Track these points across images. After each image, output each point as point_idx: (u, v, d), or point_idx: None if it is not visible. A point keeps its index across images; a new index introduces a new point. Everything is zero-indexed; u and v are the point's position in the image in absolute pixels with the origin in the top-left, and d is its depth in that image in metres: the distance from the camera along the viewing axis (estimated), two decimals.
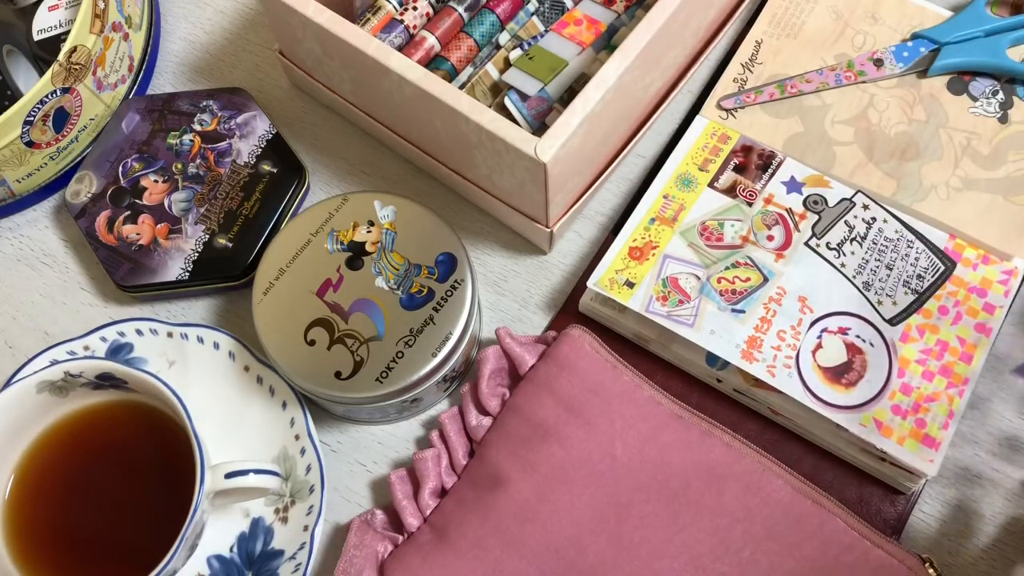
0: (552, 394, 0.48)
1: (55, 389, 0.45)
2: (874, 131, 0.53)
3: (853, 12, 0.57)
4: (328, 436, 0.51)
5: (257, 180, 0.54)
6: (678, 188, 0.52)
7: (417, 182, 0.57)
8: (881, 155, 0.53)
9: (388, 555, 0.46)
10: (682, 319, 0.48)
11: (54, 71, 0.51)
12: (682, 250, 0.50)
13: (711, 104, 0.55)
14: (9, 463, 0.45)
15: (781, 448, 0.48)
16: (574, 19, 0.54)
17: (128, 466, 0.46)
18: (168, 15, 0.63)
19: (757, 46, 0.56)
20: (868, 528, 0.45)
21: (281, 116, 0.59)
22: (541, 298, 0.54)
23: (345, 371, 0.45)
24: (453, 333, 0.46)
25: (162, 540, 0.41)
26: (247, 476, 0.44)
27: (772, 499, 0.46)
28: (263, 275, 0.48)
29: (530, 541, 0.45)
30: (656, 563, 0.45)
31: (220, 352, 0.51)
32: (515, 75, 0.52)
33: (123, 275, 0.52)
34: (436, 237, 0.48)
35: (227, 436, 0.49)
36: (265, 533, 0.47)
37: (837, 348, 0.47)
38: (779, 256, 0.50)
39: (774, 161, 0.53)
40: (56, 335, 0.54)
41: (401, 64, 0.46)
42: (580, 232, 0.55)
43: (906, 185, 0.52)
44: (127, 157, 0.55)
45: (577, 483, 0.46)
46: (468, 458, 0.48)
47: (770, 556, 0.45)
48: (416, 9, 0.55)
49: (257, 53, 0.61)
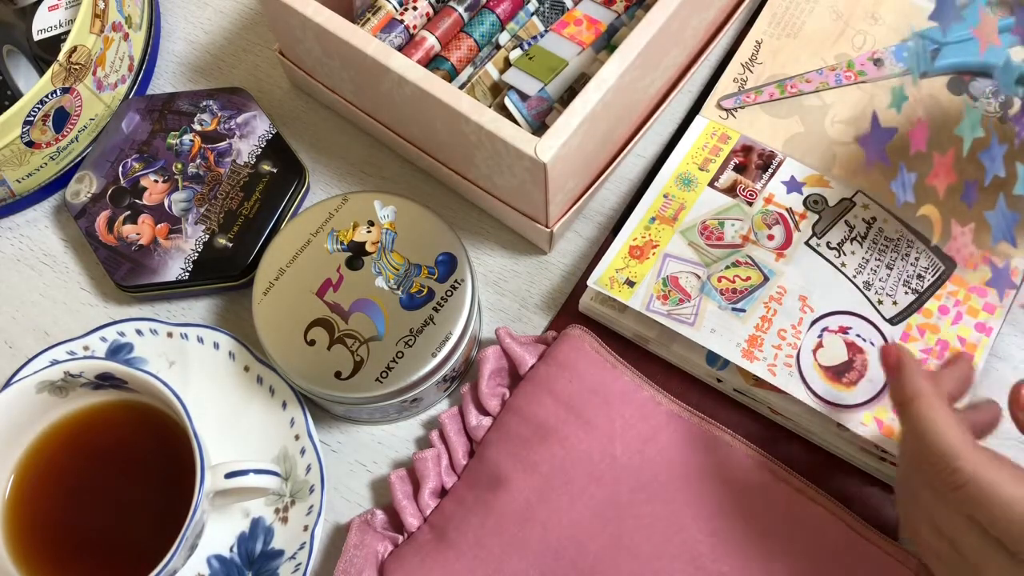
0: (552, 394, 0.48)
1: (55, 389, 0.45)
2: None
3: (853, 12, 0.57)
4: (328, 436, 0.51)
5: (257, 180, 0.54)
6: (678, 187, 0.52)
7: (417, 182, 0.57)
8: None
9: (388, 555, 0.46)
10: (682, 318, 0.48)
11: (54, 71, 0.51)
12: (682, 249, 0.50)
13: (711, 104, 0.55)
14: (9, 463, 0.45)
15: (781, 448, 0.48)
16: (574, 19, 0.54)
17: (128, 466, 0.46)
18: (168, 15, 0.63)
19: (757, 46, 0.56)
20: (868, 528, 0.45)
21: (281, 116, 0.59)
22: (541, 298, 0.54)
23: (345, 371, 0.45)
24: (453, 333, 0.46)
25: (162, 540, 0.41)
26: (247, 476, 0.44)
27: (772, 499, 0.46)
28: (263, 275, 0.48)
29: (530, 541, 0.45)
30: (656, 563, 0.45)
31: (220, 352, 0.50)
32: (515, 75, 0.52)
33: (123, 275, 0.52)
34: (436, 237, 0.48)
35: (227, 436, 0.49)
36: (265, 533, 0.47)
37: (838, 347, 0.47)
38: (779, 255, 0.50)
39: (774, 161, 0.53)
40: (56, 335, 0.54)
41: (401, 64, 0.46)
42: (580, 232, 0.55)
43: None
44: (127, 157, 0.55)
45: (577, 483, 0.46)
46: (468, 458, 0.48)
47: (770, 556, 0.45)
48: (416, 9, 0.55)
49: (257, 53, 0.61)
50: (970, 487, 0.35)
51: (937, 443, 0.36)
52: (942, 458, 0.36)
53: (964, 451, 0.35)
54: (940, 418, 0.37)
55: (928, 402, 0.37)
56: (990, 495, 0.34)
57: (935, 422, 0.36)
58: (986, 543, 0.35)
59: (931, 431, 0.36)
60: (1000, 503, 0.34)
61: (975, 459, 0.35)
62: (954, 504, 0.36)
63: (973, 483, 0.35)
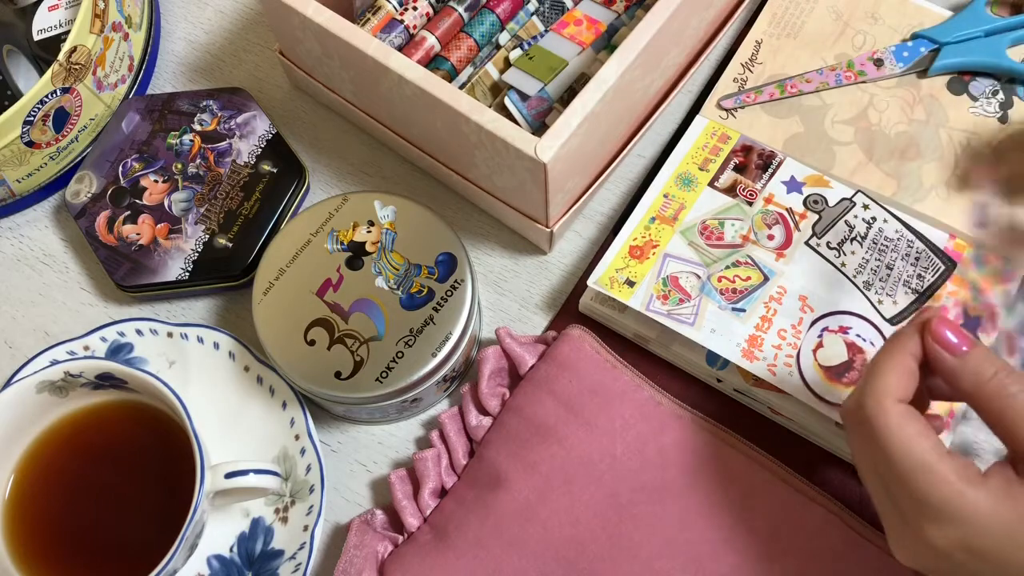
0: (552, 394, 0.48)
1: (55, 389, 0.45)
2: (874, 131, 0.53)
3: (853, 12, 0.57)
4: (328, 436, 0.51)
5: (257, 180, 0.54)
6: (678, 187, 0.52)
7: (417, 182, 0.57)
8: (881, 155, 0.53)
9: (388, 555, 0.46)
10: (682, 318, 0.48)
11: (54, 71, 0.51)
12: (682, 249, 0.50)
13: (711, 104, 0.55)
14: (9, 463, 0.45)
15: (781, 448, 0.48)
16: (574, 19, 0.54)
17: (128, 466, 0.46)
18: (168, 15, 0.63)
19: (757, 46, 0.56)
20: (869, 528, 0.45)
21: (281, 116, 0.59)
22: (541, 298, 0.54)
23: (345, 371, 0.45)
24: (453, 333, 0.46)
25: (162, 540, 0.41)
26: (247, 476, 0.44)
27: (772, 499, 0.46)
28: (263, 275, 0.48)
29: (530, 541, 0.45)
30: (656, 563, 0.45)
31: (220, 352, 0.50)
32: (515, 75, 0.52)
33: (123, 275, 0.52)
34: (436, 237, 0.48)
35: (227, 436, 0.49)
36: (265, 533, 0.47)
37: (838, 347, 0.47)
38: (780, 255, 0.50)
39: (774, 161, 0.53)
40: (56, 335, 0.54)
41: (401, 64, 0.46)
42: (580, 232, 0.55)
43: (906, 185, 0.52)
44: (127, 157, 0.55)
45: (577, 483, 0.46)
46: (468, 458, 0.48)
47: (770, 556, 0.45)
48: (416, 9, 0.55)
49: (257, 53, 0.61)
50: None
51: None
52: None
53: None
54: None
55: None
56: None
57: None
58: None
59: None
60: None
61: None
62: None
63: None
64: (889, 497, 0.36)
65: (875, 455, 0.36)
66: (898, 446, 0.35)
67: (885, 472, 0.36)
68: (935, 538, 0.35)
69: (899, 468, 0.35)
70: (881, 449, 0.36)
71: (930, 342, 0.37)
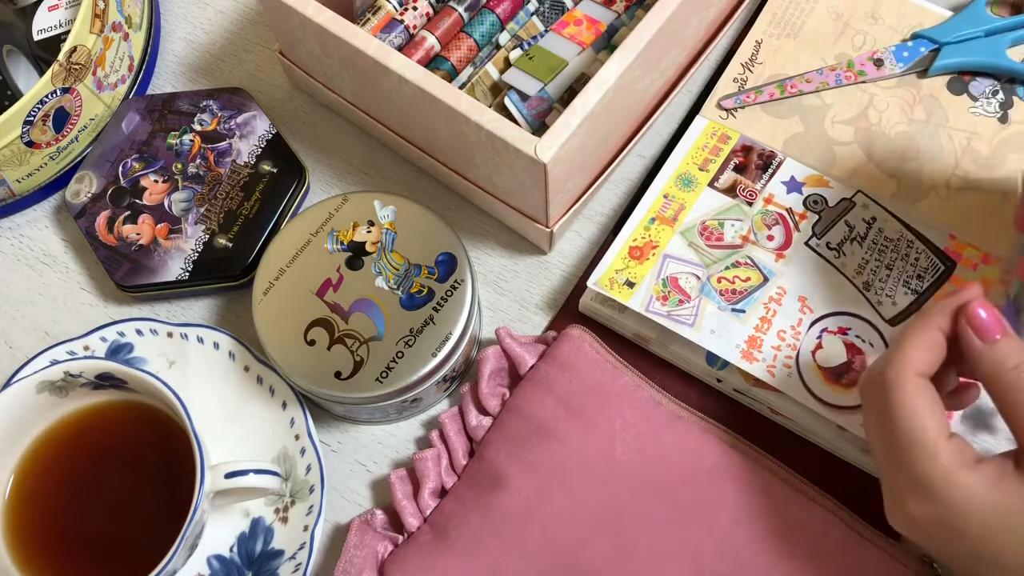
0: (552, 394, 0.48)
1: (55, 389, 0.45)
2: (874, 131, 0.53)
3: (853, 12, 0.57)
4: (328, 436, 0.51)
5: (257, 180, 0.54)
6: (678, 188, 0.52)
7: (417, 182, 0.57)
8: (881, 155, 0.53)
9: (388, 555, 0.46)
10: (682, 319, 0.48)
11: (54, 71, 0.51)
12: (682, 250, 0.50)
13: (711, 104, 0.55)
14: (9, 463, 0.45)
15: (781, 448, 0.48)
16: (574, 19, 0.54)
17: (128, 466, 0.46)
18: (168, 15, 0.63)
19: (757, 46, 0.56)
20: (869, 528, 0.45)
21: (281, 116, 0.59)
22: (541, 298, 0.54)
23: (345, 371, 0.45)
24: (453, 333, 0.46)
25: (162, 540, 0.41)
26: (247, 476, 0.44)
27: (772, 499, 0.46)
28: (263, 275, 0.48)
29: (530, 541, 0.45)
30: (656, 563, 0.45)
31: (220, 352, 0.51)
32: (515, 75, 0.52)
33: (123, 275, 0.52)
34: (436, 237, 0.48)
35: (227, 436, 0.49)
36: (265, 533, 0.47)
37: (837, 348, 0.47)
38: (779, 256, 0.50)
39: (774, 161, 0.53)
40: (56, 335, 0.54)
41: (401, 64, 0.46)
42: (580, 232, 0.55)
43: (906, 185, 0.52)
44: (127, 157, 0.55)
45: (577, 483, 0.46)
46: (468, 458, 0.48)
47: (770, 556, 0.45)
48: (416, 9, 0.55)
49: (257, 53, 0.61)
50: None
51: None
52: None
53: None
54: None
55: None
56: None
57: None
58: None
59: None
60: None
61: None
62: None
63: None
64: (889, 464, 0.38)
65: (882, 423, 0.37)
66: (903, 417, 0.36)
67: (888, 438, 0.37)
68: (914, 511, 0.36)
69: (898, 437, 0.36)
70: (888, 417, 0.37)
71: (962, 322, 0.37)
